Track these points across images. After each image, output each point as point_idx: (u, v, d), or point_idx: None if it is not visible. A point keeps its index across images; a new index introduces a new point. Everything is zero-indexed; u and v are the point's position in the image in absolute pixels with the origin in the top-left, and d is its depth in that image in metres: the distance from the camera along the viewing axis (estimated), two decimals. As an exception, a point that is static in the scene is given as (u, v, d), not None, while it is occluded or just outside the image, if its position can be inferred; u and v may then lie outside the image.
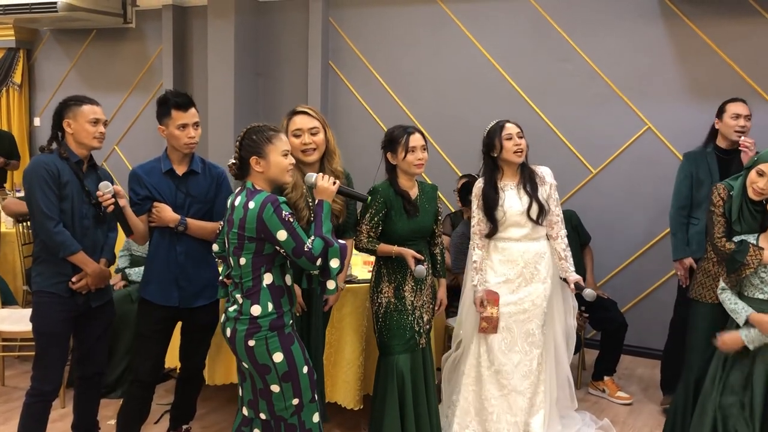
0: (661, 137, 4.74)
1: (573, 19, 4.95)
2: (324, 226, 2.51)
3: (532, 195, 3.30)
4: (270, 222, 2.42)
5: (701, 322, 3.15)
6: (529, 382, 3.31)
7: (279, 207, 2.44)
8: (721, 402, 2.87)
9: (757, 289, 2.84)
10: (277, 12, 6.03)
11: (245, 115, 6.02)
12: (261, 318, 2.49)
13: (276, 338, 2.49)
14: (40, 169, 2.84)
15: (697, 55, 4.62)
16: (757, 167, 2.88)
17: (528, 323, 3.30)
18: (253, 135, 2.55)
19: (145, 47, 6.68)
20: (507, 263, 3.31)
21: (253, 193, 2.51)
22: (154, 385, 3.19)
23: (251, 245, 2.48)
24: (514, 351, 3.30)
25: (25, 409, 2.95)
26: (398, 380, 3.05)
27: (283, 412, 2.54)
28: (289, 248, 2.44)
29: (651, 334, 4.68)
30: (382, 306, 3.12)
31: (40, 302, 2.94)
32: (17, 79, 7.21)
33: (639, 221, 4.83)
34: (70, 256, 2.87)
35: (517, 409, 3.30)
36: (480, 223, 3.33)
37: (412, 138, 3.09)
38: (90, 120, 2.92)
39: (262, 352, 2.48)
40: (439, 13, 5.39)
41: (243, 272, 2.51)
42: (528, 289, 3.31)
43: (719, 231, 2.99)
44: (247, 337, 2.48)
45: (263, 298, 2.50)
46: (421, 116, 5.44)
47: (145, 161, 3.13)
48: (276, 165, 2.53)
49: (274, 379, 2.50)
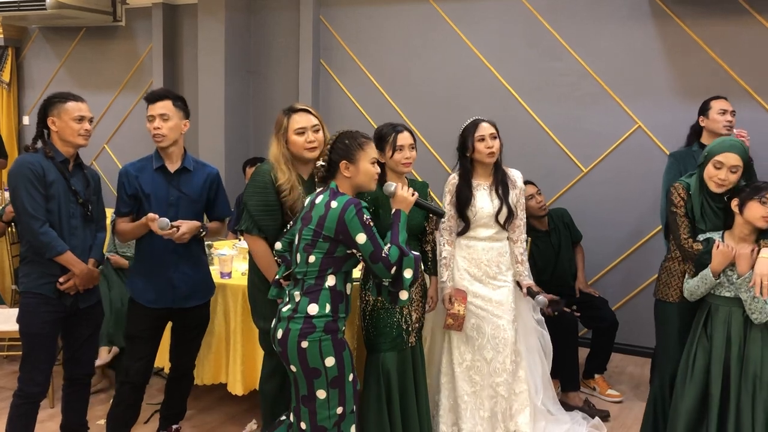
0: (652, 136, 4.76)
1: (564, 18, 4.95)
2: (400, 235, 2.49)
3: (503, 199, 3.30)
4: (351, 224, 2.41)
5: (669, 321, 3.14)
6: (501, 379, 3.31)
7: (361, 210, 2.43)
8: (687, 405, 2.90)
9: (722, 287, 2.86)
10: (268, 10, 6.01)
11: (236, 114, 6.00)
12: (317, 318, 2.45)
13: (330, 341, 2.45)
14: (24, 168, 2.80)
15: (688, 54, 4.64)
16: (712, 160, 2.89)
17: (497, 319, 3.30)
18: (346, 140, 2.55)
19: (135, 45, 6.65)
20: (471, 261, 3.32)
21: (336, 193, 2.50)
22: (144, 386, 3.18)
23: (325, 244, 2.46)
24: (485, 347, 3.30)
25: (12, 410, 2.92)
26: (384, 378, 3.05)
27: (325, 422, 2.48)
28: (367, 253, 2.42)
29: (641, 333, 4.69)
30: (369, 304, 3.12)
31: (26, 303, 2.90)
32: (6, 78, 7.16)
33: (629, 219, 4.84)
34: (56, 256, 2.83)
35: (488, 404, 3.31)
36: (450, 219, 3.34)
37: (400, 136, 3.09)
38: (75, 117, 2.87)
39: (315, 355, 2.43)
40: (431, 12, 5.38)
41: (309, 269, 2.49)
42: (495, 285, 3.31)
43: (685, 231, 2.99)
44: (301, 337, 2.43)
45: (323, 298, 2.47)
46: (412, 115, 5.44)
47: (136, 159, 3.11)
48: (365, 172, 2.55)
49: (322, 384, 2.45)
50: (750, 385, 2.78)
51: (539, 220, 4.32)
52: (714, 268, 2.82)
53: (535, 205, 4.22)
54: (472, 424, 3.31)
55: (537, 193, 4.26)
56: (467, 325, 3.30)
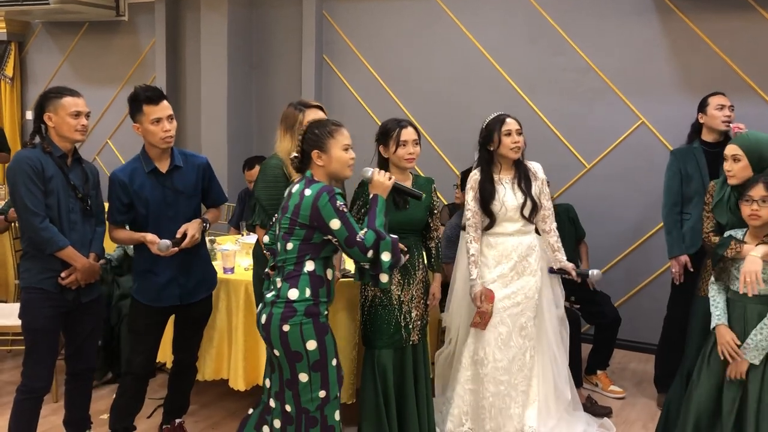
0: (655, 132, 4.74)
1: (568, 12, 4.94)
2: (377, 219, 2.55)
3: (526, 192, 3.30)
4: (324, 210, 2.46)
5: (701, 316, 3.15)
6: (522, 375, 3.31)
7: (334, 196, 2.48)
8: (698, 399, 2.90)
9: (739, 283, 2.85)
10: (270, 5, 6.00)
11: (238, 109, 6.00)
12: (297, 302, 2.51)
13: (311, 325, 2.51)
14: (23, 164, 2.78)
15: (691, 50, 4.62)
16: (724, 153, 2.99)
17: (521, 316, 3.30)
18: (315, 129, 2.58)
19: (138, 40, 6.64)
20: (502, 258, 3.31)
21: (310, 181, 2.54)
22: (147, 378, 3.19)
23: (301, 231, 2.51)
24: (509, 346, 3.29)
25: (15, 405, 2.92)
26: (380, 375, 3.05)
27: (308, 404, 2.54)
28: (342, 237, 2.48)
29: (644, 329, 4.69)
30: (368, 299, 3.12)
31: (28, 299, 2.89)
32: (9, 72, 7.16)
33: (632, 215, 4.83)
34: (57, 251, 2.83)
35: (512, 403, 3.30)
36: (475, 216, 3.31)
37: (404, 132, 3.08)
38: (71, 113, 2.85)
39: (296, 338, 2.49)
40: (434, 6, 5.37)
41: (288, 257, 2.55)
42: (520, 282, 3.31)
43: (708, 226, 3.10)
44: (282, 321, 2.50)
45: (302, 282, 2.52)
46: (414, 110, 5.43)
47: (124, 163, 3.06)
48: (337, 159, 2.58)
49: (304, 368, 2.51)
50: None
51: None
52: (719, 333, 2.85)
53: None
54: (496, 423, 3.29)
55: None
56: (492, 323, 3.29)
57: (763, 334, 2.74)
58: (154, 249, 2.89)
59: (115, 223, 3.03)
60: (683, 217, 3.83)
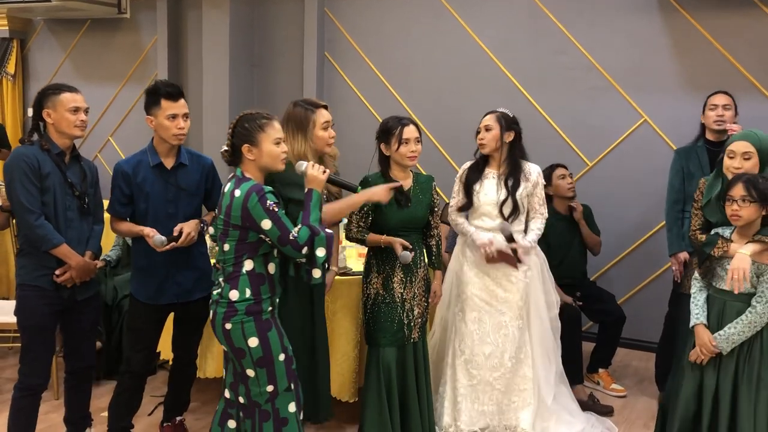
0: (658, 130, 4.73)
1: (570, 10, 4.92)
2: (312, 215, 2.52)
3: (510, 191, 3.29)
4: (254, 211, 2.44)
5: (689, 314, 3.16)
6: (498, 374, 3.31)
7: (264, 196, 2.45)
8: (686, 394, 2.90)
9: (722, 281, 2.84)
10: (272, 2, 5.99)
11: (240, 106, 5.97)
12: (238, 302, 2.52)
13: (252, 323, 2.52)
14: (19, 161, 2.79)
15: (695, 48, 4.60)
16: (726, 152, 2.96)
17: (500, 315, 3.30)
18: (246, 123, 2.55)
19: (140, 37, 6.64)
20: (479, 254, 3.30)
21: (240, 181, 2.52)
22: (146, 376, 3.19)
23: (235, 232, 2.50)
24: (485, 342, 3.30)
25: (13, 403, 2.92)
26: (384, 373, 3.04)
27: (258, 398, 2.57)
28: (275, 237, 2.46)
29: (646, 327, 4.68)
30: (371, 297, 3.12)
31: (24, 296, 2.89)
32: (10, 70, 7.15)
33: (635, 214, 4.82)
34: (52, 249, 2.83)
35: (485, 398, 3.31)
36: (457, 202, 3.40)
37: (406, 130, 3.07)
38: (70, 108, 2.84)
39: (238, 336, 2.51)
40: (436, 4, 5.35)
41: (226, 258, 2.55)
42: (503, 281, 3.30)
43: (695, 224, 3.08)
44: (225, 320, 2.52)
45: (242, 283, 2.52)
46: (416, 107, 5.42)
47: (130, 155, 3.07)
48: (268, 153, 2.54)
49: (249, 364, 2.53)
50: (753, 388, 2.76)
51: (563, 202, 4.30)
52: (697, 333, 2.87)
53: (566, 185, 4.25)
54: (468, 417, 3.31)
55: (569, 175, 4.30)
56: (468, 318, 3.30)
57: (737, 328, 2.75)
58: (151, 243, 2.91)
59: (116, 214, 3.03)
60: (685, 216, 3.82)
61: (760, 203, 2.74)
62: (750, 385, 2.76)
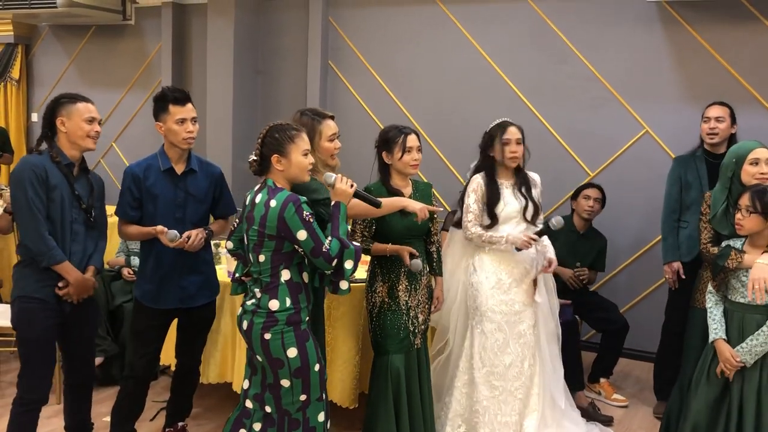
0: (659, 141, 4.75)
1: (572, 21, 4.95)
2: (341, 227, 2.53)
3: (527, 196, 3.33)
4: (291, 221, 2.44)
5: (699, 327, 3.17)
6: (519, 383, 3.32)
7: (300, 207, 2.46)
8: (697, 411, 2.90)
9: (738, 293, 2.85)
10: (277, 11, 6.02)
11: (244, 114, 6.02)
12: (278, 312, 2.51)
13: (292, 333, 2.52)
14: (27, 170, 2.72)
15: (696, 60, 4.63)
16: (747, 160, 2.96)
17: (519, 324, 3.31)
18: (276, 133, 2.55)
19: (144, 44, 6.67)
20: (499, 263, 3.32)
21: (274, 191, 2.52)
22: (148, 381, 3.21)
23: (271, 243, 2.50)
24: (506, 352, 3.30)
25: (12, 418, 2.84)
26: (393, 380, 3.05)
27: (289, 407, 2.56)
28: (308, 248, 2.46)
29: (646, 337, 4.68)
30: (376, 306, 3.12)
31: (24, 308, 2.79)
32: (15, 75, 7.19)
33: (635, 224, 4.83)
34: (54, 265, 2.76)
35: (507, 409, 3.31)
36: (476, 219, 3.32)
37: (409, 138, 3.10)
38: (85, 119, 2.81)
39: (277, 347, 2.50)
40: (439, 13, 5.39)
41: (262, 269, 2.54)
42: (519, 290, 3.32)
43: (706, 237, 3.08)
44: (264, 330, 2.51)
45: (281, 293, 2.52)
46: (419, 116, 5.44)
47: (141, 159, 3.09)
48: (297, 164, 2.55)
49: (285, 374, 2.52)
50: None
51: (581, 220, 4.36)
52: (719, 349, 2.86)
53: (585, 206, 4.30)
54: (490, 429, 3.29)
55: (595, 199, 4.32)
56: (487, 330, 3.30)
57: (759, 340, 2.76)
58: (164, 239, 2.91)
59: (125, 216, 3.03)
60: (681, 225, 3.84)
61: (762, 216, 2.75)
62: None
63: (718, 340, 2.85)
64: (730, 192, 3.02)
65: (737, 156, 3.01)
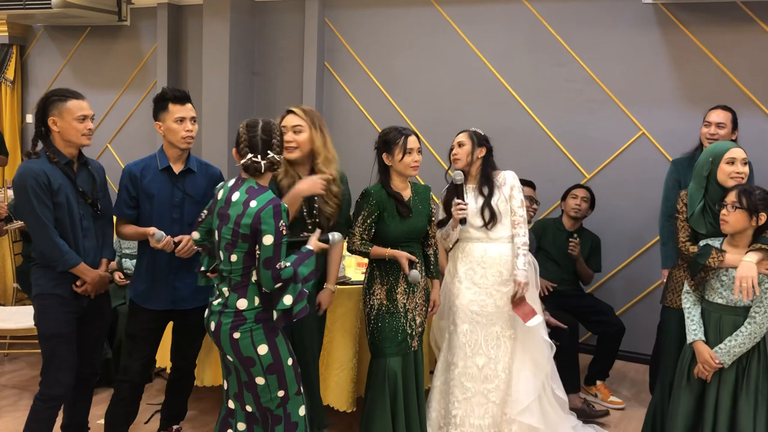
0: (656, 143, 4.76)
1: (570, 24, 4.96)
2: (304, 267, 2.51)
3: (486, 199, 3.30)
4: (265, 222, 2.43)
5: (673, 327, 3.19)
6: (492, 386, 3.30)
7: (279, 213, 2.45)
8: (684, 409, 2.91)
9: (716, 293, 2.85)
10: (272, 12, 6.01)
11: (239, 115, 5.99)
12: (246, 311, 2.51)
13: (261, 330, 2.51)
14: (28, 179, 2.71)
15: (692, 62, 4.64)
16: (724, 159, 2.94)
17: (492, 326, 3.29)
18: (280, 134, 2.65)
19: (140, 45, 6.65)
20: (469, 263, 3.31)
21: (257, 191, 2.50)
22: (143, 385, 3.17)
23: (245, 244, 2.49)
24: (478, 354, 3.29)
25: (33, 414, 2.86)
26: (390, 383, 3.04)
27: (268, 404, 2.57)
28: (265, 255, 2.43)
29: (642, 339, 4.68)
30: (374, 308, 3.11)
31: (43, 305, 2.84)
32: (10, 76, 7.15)
33: (632, 226, 4.84)
34: (70, 269, 2.80)
35: (480, 412, 3.29)
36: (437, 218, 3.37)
37: (410, 140, 3.09)
38: (77, 117, 2.79)
39: (247, 345, 2.50)
40: (436, 15, 5.39)
41: (233, 268, 2.53)
42: (493, 291, 3.30)
43: (684, 236, 3.05)
44: (232, 329, 2.50)
45: (250, 292, 2.52)
46: (416, 118, 5.44)
47: (139, 159, 3.08)
48: None
49: (259, 372, 2.52)
50: (752, 400, 2.77)
51: (570, 219, 4.42)
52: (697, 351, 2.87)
53: (572, 204, 4.38)
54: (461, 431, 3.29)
55: (582, 198, 4.37)
56: (460, 330, 3.30)
57: (738, 340, 2.76)
58: (152, 241, 2.89)
59: (122, 215, 3.03)
60: None
61: (747, 212, 2.74)
62: (749, 396, 2.77)
63: (697, 341, 2.85)
64: (707, 191, 3.00)
65: (714, 155, 2.98)
